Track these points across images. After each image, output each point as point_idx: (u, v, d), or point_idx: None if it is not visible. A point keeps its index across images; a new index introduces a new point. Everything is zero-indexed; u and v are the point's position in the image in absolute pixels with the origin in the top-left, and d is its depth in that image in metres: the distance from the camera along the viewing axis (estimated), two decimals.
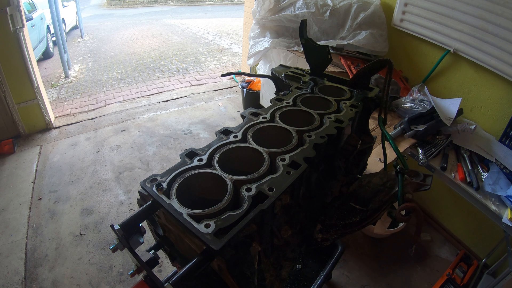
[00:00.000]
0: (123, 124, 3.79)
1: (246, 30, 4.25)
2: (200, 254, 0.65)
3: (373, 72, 1.19)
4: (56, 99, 4.53)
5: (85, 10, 12.20)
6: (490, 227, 1.99)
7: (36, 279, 1.99)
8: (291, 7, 2.46)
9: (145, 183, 0.73)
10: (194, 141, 3.48)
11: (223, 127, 0.94)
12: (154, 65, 6.03)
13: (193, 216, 0.65)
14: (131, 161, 3.12)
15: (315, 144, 0.88)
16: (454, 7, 1.90)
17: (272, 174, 0.77)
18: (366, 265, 2.13)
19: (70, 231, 2.34)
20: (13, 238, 2.26)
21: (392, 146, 1.11)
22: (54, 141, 3.45)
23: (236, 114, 4.03)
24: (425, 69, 2.22)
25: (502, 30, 1.68)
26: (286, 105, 1.08)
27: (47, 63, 6.26)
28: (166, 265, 2.07)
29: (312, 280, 1.61)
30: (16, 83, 3.20)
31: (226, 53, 6.85)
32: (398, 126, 1.80)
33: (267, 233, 0.82)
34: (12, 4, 2.88)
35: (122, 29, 9.39)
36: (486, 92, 1.90)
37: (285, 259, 0.94)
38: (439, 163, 1.63)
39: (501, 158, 1.64)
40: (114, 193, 2.71)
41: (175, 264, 1.01)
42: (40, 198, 2.64)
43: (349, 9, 2.33)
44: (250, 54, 2.78)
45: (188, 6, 14.78)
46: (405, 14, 2.23)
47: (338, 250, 1.75)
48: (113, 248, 0.69)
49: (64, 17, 7.40)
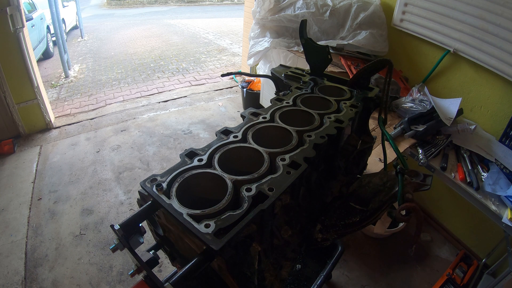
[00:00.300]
0: (123, 124, 3.79)
1: (246, 30, 4.25)
2: (200, 254, 0.65)
3: (373, 72, 1.19)
4: (56, 99, 4.53)
5: (85, 10, 12.20)
6: (490, 227, 1.99)
7: (36, 279, 1.99)
8: (291, 7, 2.46)
9: (145, 183, 0.73)
10: (194, 141, 3.48)
11: (223, 127, 0.94)
12: (154, 65, 6.03)
13: (193, 216, 0.65)
14: (131, 161, 3.12)
15: (315, 144, 0.88)
16: (454, 7, 1.90)
17: (272, 174, 0.77)
18: (366, 265, 2.13)
19: (70, 231, 2.34)
20: (13, 238, 2.26)
21: (392, 146, 1.11)
22: (54, 141, 3.45)
23: (236, 114, 4.03)
24: (425, 69, 2.22)
25: (502, 30, 1.68)
26: (286, 105, 1.08)
27: (47, 63, 6.26)
28: (166, 265, 2.07)
29: (312, 280, 1.61)
30: (16, 83, 3.20)
31: (226, 53, 6.85)
32: (398, 126, 1.80)
33: (267, 233, 0.82)
34: (12, 4, 2.88)
35: (122, 29, 9.39)
36: (486, 92, 1.90)
37: (285, 259, 0.94)
38: (439, 163, 1.63)
39: (501, 158, 1.64)
40: (114, 193, 2.71)
41: (175, 264, 1.01)
42: (40, 198, 2.64)
43: (349, 9, 2.33)
44: (250, 54, 2.78)
45: (188, 6, 14.78)
46: (405, 14, 2.23)
47: (338, 250, 1.75)
48: (113, 248, 0.69)
49: (64, 17, 7.40)
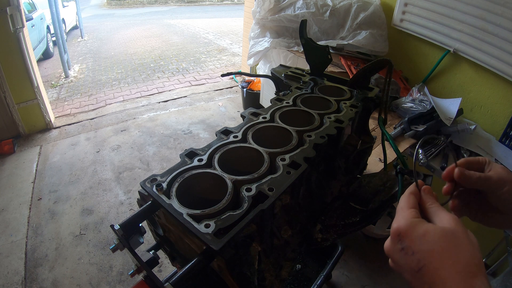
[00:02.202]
0: (123, 124, 3.79)
1: (246, 30, 4.25)
2: (200, 254, 0.65)
3: (373, 72, 1.19)
4: (56, 99, 4.53)
5: (85, 10, 12.21)
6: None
7: (36, 279, 1.99)
8: (291, 7, 2.46)
9: (145, 183, 0.73)
10: (194, 141, 3.48)
11: (223, 127, 0.94)
12: (154, 65, 6.03)
13: (193, 216, 0.65)
14: (131, 161, 3.12)
15: (315, 144, 0.88)
16: (454, 7, 1.90)
17: (272, 174, 0.77)
18: (366, 265, 2.13)
19: (70, 231, 2.34)
20: (13, 238, 2.26)
21: (392, 146, 1.11)
22: (54, 141, 3.45)
23: (236, 114, 4.03)
24: (425, 69, 2.22)
25: (502, 30, 1.68)
26: (286, 105, 1.08)
27: (47, 63, 6.26)
28: (166, 265, 2.07)
29: (312, 280, 1.61)
30: (16, 83, 3.20)
31: (226, 53, 6.85)
32: (398, 126, 1.80)
33: (267, 233, 0.82)
34: (12, 4, 2.88)
35: (122, 29, 9.40)
36: (486, 92, 1.90)
37: (285, 259, 0.94)
38: (439, 163, 1.63)
39: (501, 158, 1.64)
40: (114, 193, 2.71)
41: (175, 264, 1.01)
42: (40, 198, 2.64)
43: (349, 9, 2.33)
44: (250, 54, 2.78)
45: (188, 6, 14.79)
46: (405, 14, 2.23)
47: (338, 250, 1.75)
48: (113, 248, 0.69)
49: (64, 17, 7.41)
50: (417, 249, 0.41)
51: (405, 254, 0.42)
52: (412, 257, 0.41)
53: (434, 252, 0.39)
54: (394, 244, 0.45)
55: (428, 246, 0.40)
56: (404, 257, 0.42)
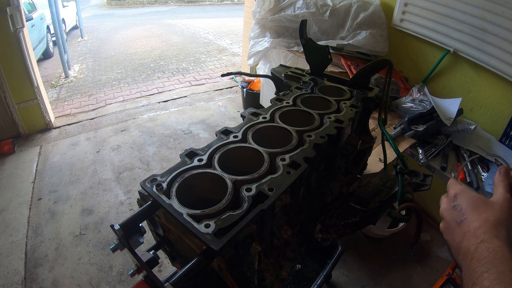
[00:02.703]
0: (123, 124, 3.79)
1: (246, 30, 4.25)
2: (200, 254, 0.65)
3: (373, 72, 1.19)
4: (56, 99, 4.53)
5: (85, 10, 12.20)
6: None
7: (36, 279, 1.99)
8: (291, 7, 2.46)
9: (145, 183, 0.73)
10: (194, 141, 3.48)
11: (223, 127, 0.94)
12: (154, 65, 6.03)
13: (193, 216, 0.65)
14: (131, 161, 3.12)
15: (315, 144, 0.88)
16: (454, 7, 1.90)
17: (272, 174, 0.77)
18: (366, 265, 2.13)
19: (70, 231, 2.34)
20: (13, 238, 2.26)
21: (392, 146, 1.11)
22: (54, 141, 3.45)
23: (236, 114, 4.03)
24: (425, 69, 2.22)
25: (502, 30, 1.68)
26: (286, 105, 1.08)
27: (47, 63, 6.26)
28: (166, 265, 2.07)
29: (312, 280, 1.60)
30: (16, 83, 3.20)
31: (226, 53, 6.85)
32: (398, 126, 1.80)
33: (267, 233, 0.82)
34: (12, 4, 2.88)
35: (122, 29, 9.40)
36: (486, 92, 1.90)
37: (285, 259, 0.94)
38: (439, 163, 1.63)
39: (501, 158, 1.63)
40: (114, 193, 2.71)
41: (175, 264, 1.01)
42: (40, 198, 2.64)
43: (349, 9, 2.33)
44: (250, 54, 2.78)
45: (188, 6, 14.78)
46: (405, 14, 2.23)
47: (338, 250, 1.74)
48: (113, 248, 0.69)
49: (64, 17, 7.41)
50: (464, 206, 0.56)
51: (454, 210, 0.57)
52: (459, 212, 0.56)
53: (474, 211, 0.54)
54: (450, 202, 0.59)
55: (472, 206, 0.55)
56: (453, 212, 0.57)
